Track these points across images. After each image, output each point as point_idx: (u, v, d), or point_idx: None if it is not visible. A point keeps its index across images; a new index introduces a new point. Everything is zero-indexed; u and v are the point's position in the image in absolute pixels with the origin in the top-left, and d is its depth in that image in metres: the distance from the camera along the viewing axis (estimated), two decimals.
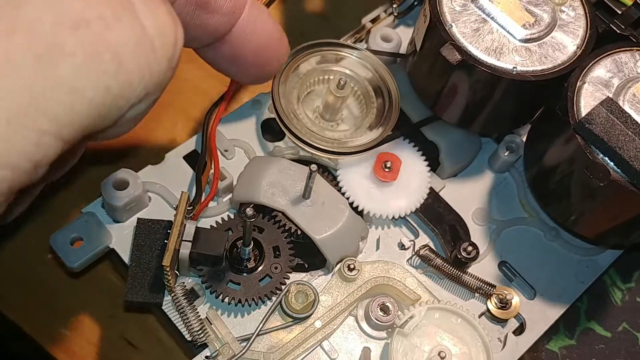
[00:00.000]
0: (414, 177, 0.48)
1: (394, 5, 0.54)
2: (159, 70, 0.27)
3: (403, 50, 0.53)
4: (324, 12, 0.67)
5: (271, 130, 0.51)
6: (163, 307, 0.43)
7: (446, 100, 0.45)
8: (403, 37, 0.53)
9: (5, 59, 0.22)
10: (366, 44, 0.54)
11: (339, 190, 0.47)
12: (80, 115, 0.24)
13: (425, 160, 0.49)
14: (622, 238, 0.44)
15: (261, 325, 0.43)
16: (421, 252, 0.47)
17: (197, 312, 0.43)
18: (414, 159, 0.49)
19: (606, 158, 0.39)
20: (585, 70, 0.41)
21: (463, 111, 0.45)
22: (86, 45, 0.24)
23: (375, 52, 0.51)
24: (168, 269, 0.41)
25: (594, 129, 0.38)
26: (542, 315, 0.48)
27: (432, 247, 0.48)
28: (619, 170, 0.38)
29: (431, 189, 0.49)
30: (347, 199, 0.47)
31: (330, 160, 0.49)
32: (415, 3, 0.55)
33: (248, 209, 0.38)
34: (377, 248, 0.48)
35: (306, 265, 0.46)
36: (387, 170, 0.47)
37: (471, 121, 0.46)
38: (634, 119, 0.39)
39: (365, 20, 0.55)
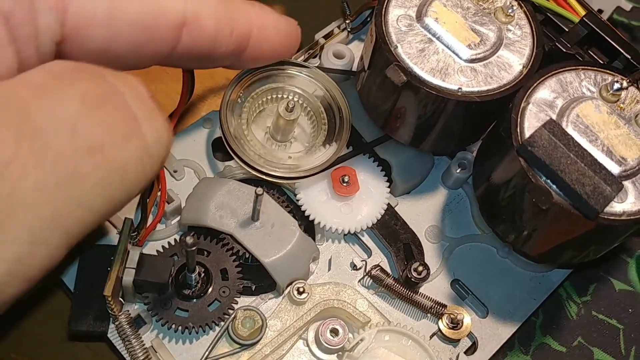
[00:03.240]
0: (372, 189, 0.49)
1: (347, 21, 0.54)
2: (153, 173, 0.29)
3: (356, 66, 0.53)
4: None
5: (223, 148, 0.50)
6: (109, 336, 0.43)
7: (394, 119, 0.45)
8: (356, 53, 0.53)
9: (35, 188, 0.24)
10: (319, 60, 0.53)
11: (301, 209, 0.47)
12: (87, 226, 0.26)
13: (383, 172, 0.49)
14: (569, 259, 0.44)
15: (207, 352, 0.42)
16: (372, 272, 0.47)
17: (142, 341, 0.42)
18: (371, 171, 0.49)
19: (549, 181, 0.38)
20: (529, 91, 0.41)
21: (411, 130, 0.45)
22: (99, 168, 0.26)
23: (326, 70, 0.50)
24: (110, 299, 0.40)
25: (536, 151, 0.38)
26: (494, 333, 0.48)
27: (385, 266, 0.48)
28: (561, 193, 0.38)
29: (389, 205, 0.49)
30: (308, 216, 0.47)
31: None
32: (369, 19, 0.55)
33: (188, 238, 0.38)
34: (329, 269, 0.48)
35: (254, 289, 0.46)
36: (345, 184, 0.47)
37: (420, 140, 0.46)
38: (576, 142, 0.38)
39: (319, 36, 0.54)
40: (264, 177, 0.46)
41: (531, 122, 0.40)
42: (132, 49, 0.31)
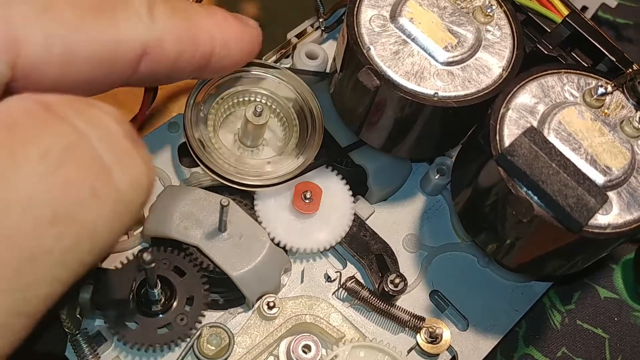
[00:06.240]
0: (336, 207, 0.46)
1: (321, 19, 0.51)
2: (131, 221, 0.25)
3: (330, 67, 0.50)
4: (258, 19, 0.64)
5: (190, 154, 0.48)
6: (66, 355, 0.40)
7: (368, 124, 0.42)
8: (330, 53, 0.51)
9: None
10: (292, 61, 0.51)
11: (258, 221, 0.44)
12: (55, 297, 0.23)
13: (348, 187, 0.46)
14: (551, 271, 0.42)
15: None
16: (347, 284, 0.45)
17: None
18: (335, 187, 0.46)
19: (530, 192, 0.36)
20: (509, 96, 0.39)
21: (386, 136, 0.43)
22: (65, 236, 0.22)
23: (298, 71, 0.48)
24: (65, 317, 0.38)
25: (516, 161, 0.36)
26: (474, 347, 0.46)
27: (360, 277, 0.46)
28: (543, 204, 0.36)
29: (356, 216, 0.46)
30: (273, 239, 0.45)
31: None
32: (343, 18, 0.52)
33: (145, 254, 0.35)
34: (302, 281, 0.46)
35: (222, 303, 0.44)
36: (307, 201, 0.44)
37: (396, 146, 0.44)
38: (558, 150, 0.36)
39: (291, 35, 0.51)
40: (233, 185, 0.43)
41: (511, 129, 0.38)
42: (86, 83, 0.28)
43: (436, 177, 0.48)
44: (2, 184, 0.21)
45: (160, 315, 0.41)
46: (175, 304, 0.41)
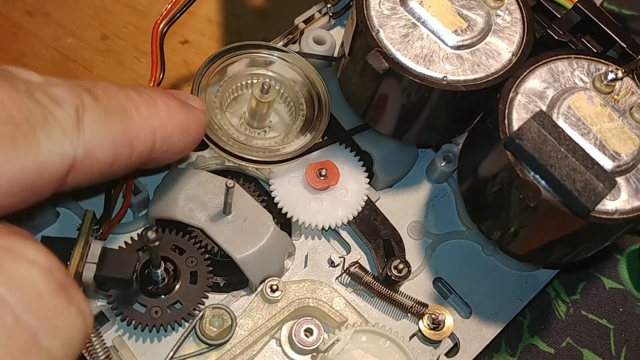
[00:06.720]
0: (350, 184, 0.46)
1: (329, 5, 0.51)
2: None
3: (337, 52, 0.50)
4: (263, 8, 0.64)
5: None
6: None
7: (376, 109, 0.42)
8: (338, 39, 0.50)
9: None
10: (299, 46, 0.50)
11: (273, 201, 0.45)
12: None
13: (364, 167, 0.46)
14: (557, 258, 0.42)
15: (173, 352, 0.40)
16: (351, 269, 0.45)
17: (103, 340, 0.39)
18: (350, 165, 0.46)
19: (538, 176, 0.36)
20: (518, 81, 0.39)
21: (394, 121, 0.43)
22: None
23: (305, 55, 0.48)
24: None
25: (525, 145, 0.36)
26: (477, 334, 0.45)
27: (364, 263, 0.46)
28: (550, 189, 0.36)
29: (369, 199, 0.46)
30: (281, 209, 0.44)
31: (258, 171, 0.46)
32: (352, 3, 0.52)
33: (150, 232, 0.35)
34: (305, 265, 0.45)
35: (225, 286, 0.43)
36: (322, 178, 0.44)
37: (403, 131, 0.43)
38: (567, 135, 0.36)
39: (299, 20, 0.51)
40: (238, 161, 0.43)
41: (520, 113, 0.38)
42: (7, 206, 0.26)
43: (442, 165, 0.48)
44: None
45: (163, 296, 0.41)
46: (178, 285, 0.41)
